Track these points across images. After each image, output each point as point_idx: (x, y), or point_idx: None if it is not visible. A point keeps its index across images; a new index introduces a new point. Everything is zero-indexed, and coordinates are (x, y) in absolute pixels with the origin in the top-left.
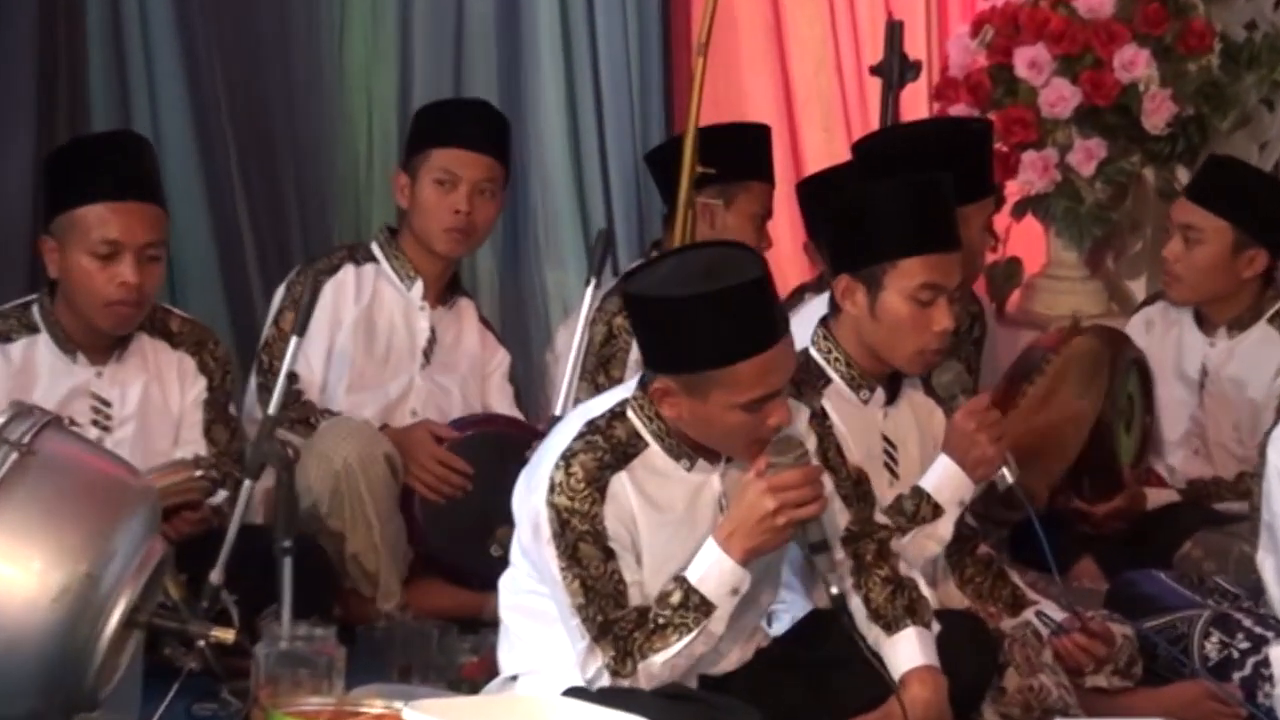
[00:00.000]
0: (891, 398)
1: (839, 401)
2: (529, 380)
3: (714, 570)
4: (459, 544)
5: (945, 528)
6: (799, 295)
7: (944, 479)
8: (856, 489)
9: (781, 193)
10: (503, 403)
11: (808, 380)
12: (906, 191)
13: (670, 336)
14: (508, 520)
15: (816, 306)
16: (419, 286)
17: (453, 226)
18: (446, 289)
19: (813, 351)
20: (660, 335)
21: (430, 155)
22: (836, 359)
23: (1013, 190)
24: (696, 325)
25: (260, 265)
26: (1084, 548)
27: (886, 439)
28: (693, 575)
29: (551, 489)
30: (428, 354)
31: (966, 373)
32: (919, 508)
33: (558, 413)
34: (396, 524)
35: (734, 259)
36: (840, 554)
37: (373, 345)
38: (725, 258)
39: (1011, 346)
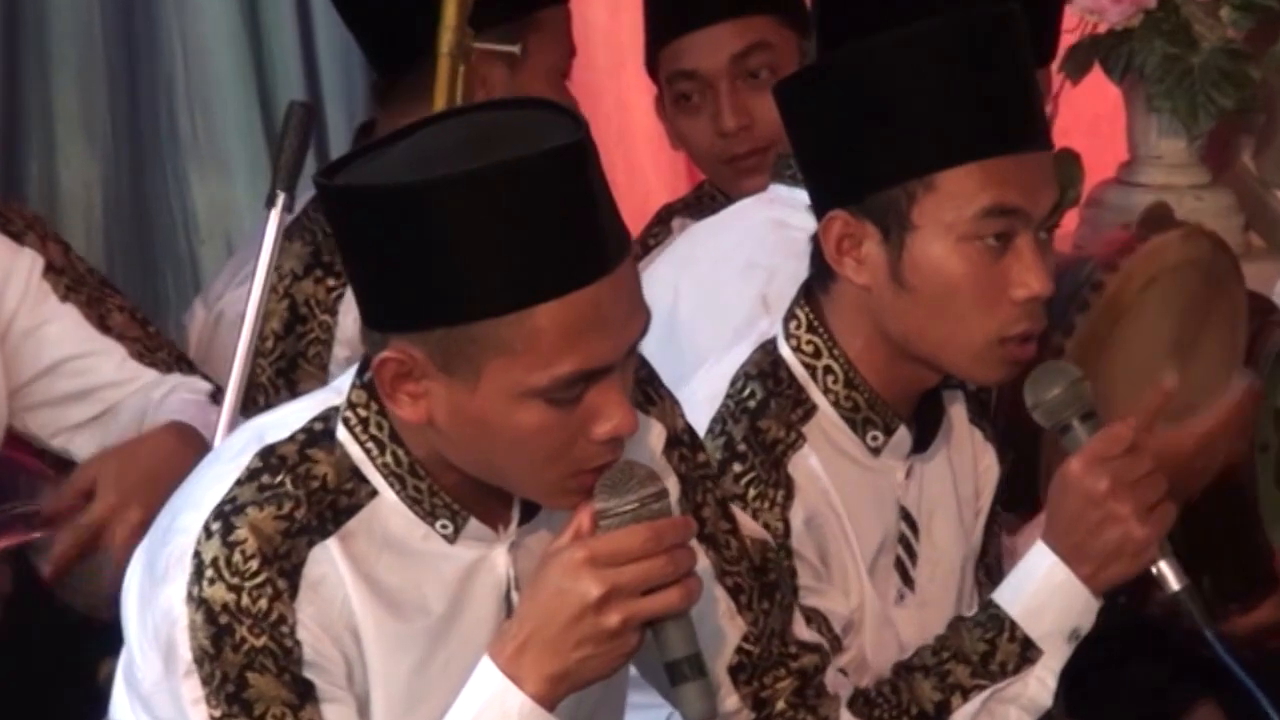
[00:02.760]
0: (923, 442)
1: (828, 450)
2: None
3: (492, 717)
4: None
5: (1043, 684)
6: (663, 223)
7: (1045, 590)
8: (758, 578)
9: (626, 26)
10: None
11: (778, 410)
12: (941, 42)
13: (404, 263)
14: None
15: (692, 244)
16: None
17: None
18: None
19: (786, 352)
20: (387, 262)
21: None
22: (829, 369)
23: (1067, 24)
24: (451, 238)
25: None
26: (1204, 684)
27: (906, 515)
28: None
29: (198, 574)
30: None
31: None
32: (994, 647)
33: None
34: None
35: (526, 120)
36: (732, 698)
37: None
38: (513, 119)
39: None
